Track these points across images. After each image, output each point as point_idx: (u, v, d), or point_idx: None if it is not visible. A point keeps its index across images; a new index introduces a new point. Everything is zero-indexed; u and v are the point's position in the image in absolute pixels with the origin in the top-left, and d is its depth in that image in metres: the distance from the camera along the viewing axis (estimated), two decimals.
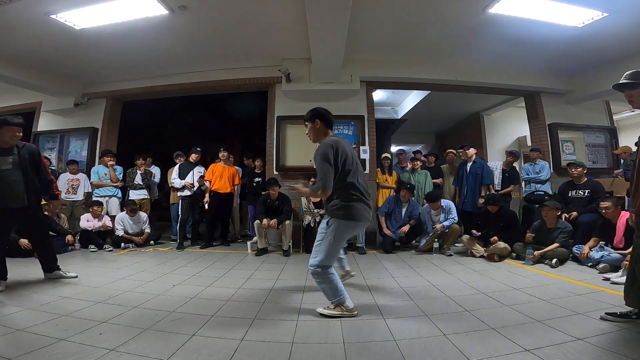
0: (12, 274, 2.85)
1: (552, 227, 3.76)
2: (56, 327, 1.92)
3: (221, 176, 5.02)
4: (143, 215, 5.13)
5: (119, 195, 5.42)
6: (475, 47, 4.97)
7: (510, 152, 5.56)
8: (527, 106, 6.35)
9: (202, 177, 5.07)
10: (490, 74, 5.69)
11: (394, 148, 10.42)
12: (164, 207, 6.60)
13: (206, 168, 5.21)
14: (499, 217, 4.20)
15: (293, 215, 4.85)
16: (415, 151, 6.51)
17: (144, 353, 1.63)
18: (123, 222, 4.91)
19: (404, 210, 4.71)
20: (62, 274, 3.06)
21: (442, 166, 5.83)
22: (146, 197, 5.49)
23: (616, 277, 2.82)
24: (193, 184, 5.05)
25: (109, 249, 4.67)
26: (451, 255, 4.22)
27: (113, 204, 5.31)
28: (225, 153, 5.16)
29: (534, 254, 3.60)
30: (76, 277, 3.08)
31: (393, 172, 5.40)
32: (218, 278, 3.18)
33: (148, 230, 5.10)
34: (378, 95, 7.49)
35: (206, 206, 4.98)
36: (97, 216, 4.89)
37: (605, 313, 2.02)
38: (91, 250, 4.63)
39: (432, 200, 4.48)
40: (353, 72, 5.34)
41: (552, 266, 3.43)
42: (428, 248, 4.40)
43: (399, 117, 8.82)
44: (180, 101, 7.46)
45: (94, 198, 5.17)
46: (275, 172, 5.45)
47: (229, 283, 3.01)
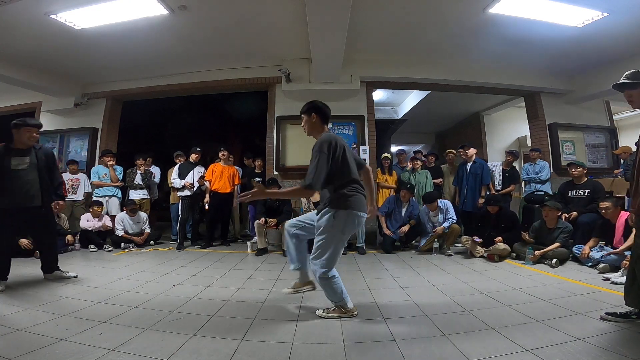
0: (12, 274, 2.85)
1: (553, 227, 3.76)
2: (56, 327, 1.92)
3: (221, 176, 5.02)
4: (143, 215, 5.13)
5: (119, 195, 5.42)
6: (475, 47, 4.97)
7: (509, 152, 5.57)
8: (527, 106, 6.35)
9: (202, 177, 5.07)
10: (490, 74, 5.69)
11: (394, 148, 10.43)
12: (164, 207, 6.60)
13: (206, 168, 5.21)
14: (499, 218, 4.20)
15: (293, 215, 4.84)
16: (415, 151, 6.52)
17: (144, 353, 1.63)
18: (123, 222, 4.91)
19: (404, 210, 4.71)
20: (62, 274, 3.07)
21: (442, 166, 5.83)
22: (146, 197, 5.50)
23: (616, 277, 2.82)
24: (193, 184, 5.05)
25: (109, 249, 4.67)
26: (451, 255, 4.22)
27: (113, 204, 5.32)
28: (225, 153, 5.16)
29: (534, 254, 3.60)
30: (76, 277, 3.08)
31: (393, 172, 5.40)
32: (218, 278, 3.18)
33: (148, 230, 5.10)
34: (378, 95, 7.49)
35: (206, 206, 4.98)
36: (97, 216, 4.89)
37: (605, 313, 2.02)
38: (91, 250, 4.63)
39: (429, 201, 4.47)
40: (353, 72, 5.34)
41: (552, 266, 3.43)
42: (428, 248, 4.40)
43: (399, 117, 8.82)
44: (180, 101, 7.47)
45: (94, 198, 5.18)
46: (275, 172, 5.45)
47: (229, 283, 3.00)
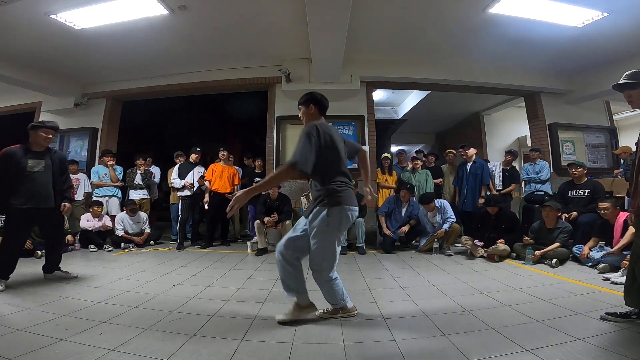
0: (12, 274, 2.85)
1: (552, 227, 3.76)
2: (56, 327, 1.92)
3: (221, 176, 5.03)
4: (143, 215, 5.13)
5: (119, 195, 5.42)
6: (475, 47, 4.97)
7: (508, 152, 5.57)
8: (527, 106, 6.35)
9: (202, 177, 5.07)
10: (490, 74, 5.70)
11: (394, 148, 10.44)
12: (164, 207, 6.60)
13: (206, 168, 5.21)
14: (499, 219, 4.20)
15: (293, 215, 4.84)
16: (417, 150, 6.52)
17: (144, 353, 1.63)
18: (123, 222, 4.91)
19: (404, 210, 4.71)
20: (62, 274, 3.07)
21: (442, 166, 5.83)
22: (146, 197, 5.49)
23: (616, 277, 2.82)
24: (193, 184, 5.05)
25: (109, 249, 4.67)
26: (451, 255, 4.22)
27: (113, 204, 5.31)
28: (225, 153, 5.16)
29: (534, 254, 3.60)
30: (76, 277, 3.08)
31: (393, 172, 5.41)
32: (218, 278, 3.18)
33: (148, 230, 5.10)
34: (378, 95, 7.49)
35: (206, 206, 4.98)
36: (97, 216, 4.89)
37: (605, 313, 2.02)
38: (91, 250, 4.63)
39: (426, 202, 4.47)
40: (353, 72, 5.34)
41: (552, 266, 3.43)
42: (428, 248, 4.40)
43: (399, 117, 8.83)
44: (180, 101, 7.48)
45: (94, 198, 5.17)
46: None
47: (229, 283, 3.00)
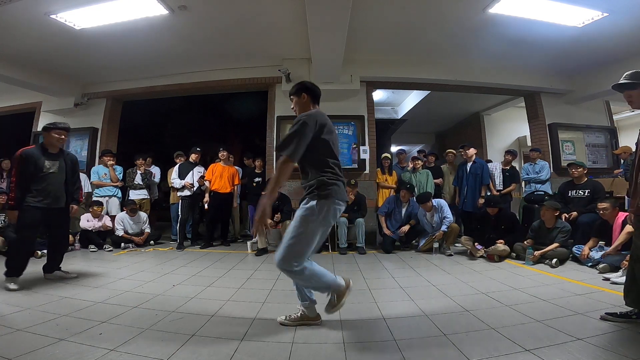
0: None
1: (551, 227, 3.76)
2: (56, 327, 1.92)
3: (221, 176, 5.02)
4: (143, 215, 5.13)
5: (119, 195, 5.42)
6: (475, 47, 4.97)
7: (508, 151, 5.58)
8: (527, 106, 6.35)
9: (202, 177, 5.07)
10: (490, 74, 5.69)
11: (394, 148, 10.43)
12: (164, 207, 6.60)
13: (206, 168, 5.21)
14: (499, 219, 4.20)
15: (293, 215, 4.84)
16: (419, 150, 6.52)
17: (144, 353, 1.63)
18: (123, 222, 4.91)
19: (404, 210, 4.72)
20: (62, 275, 3.07)
21: (442, 166, 5.82)
22: (146, 197, 5.49)
23: (616, 277, 2.82)
24: (193, 184, 5.05)
25: (109, 249, 4.67)
26: (451, 255, 4.22)
27: (113, 204, 5.31)
28: (225, 153, 5.16)
29: (534, 254, 3.60)
30: (76, 277, 3.08)
31: (393, 172, 5.41)
32: (218, 278, 3.18)
33: (148, 230, 5.10)
34: (378, 95, 7.49)
35: (206, 206, 4.98)
36: (97, 216, 4.89)
37: (605, 313, 2.02)
38: (91, 250, 4.63)
39: (422, 202, 4.47)
40: (353, 72, 5.34)
41: (552, 266, 3.43)
42: (428, 248, 4.40)
43: (399, 117, 8.82)
44: (180, 101, 7.48)
45: (94, 198, 5.17)
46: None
47: (229, 283, 3.00)
